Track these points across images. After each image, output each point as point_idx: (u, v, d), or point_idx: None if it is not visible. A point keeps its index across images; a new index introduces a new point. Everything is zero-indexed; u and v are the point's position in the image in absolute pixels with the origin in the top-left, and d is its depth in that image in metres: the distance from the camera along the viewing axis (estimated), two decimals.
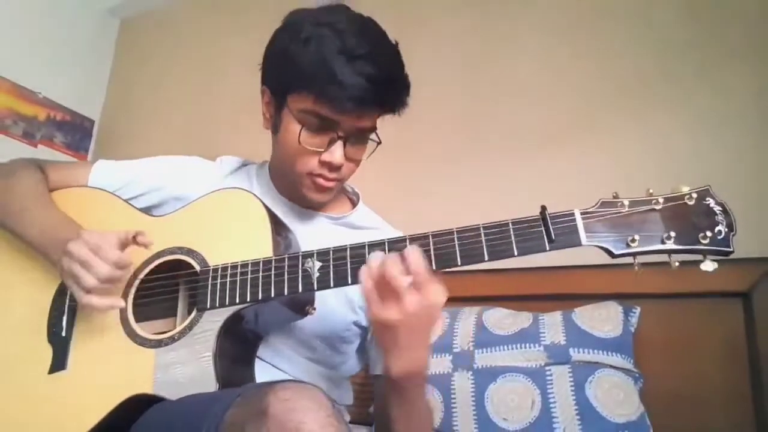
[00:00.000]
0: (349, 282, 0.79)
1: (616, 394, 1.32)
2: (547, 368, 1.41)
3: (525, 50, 1.95)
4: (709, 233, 0.72)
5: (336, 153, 0.92)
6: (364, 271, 0.73)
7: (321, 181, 0.95)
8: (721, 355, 1.43)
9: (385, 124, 0.99)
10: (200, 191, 0.95)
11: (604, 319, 1.44)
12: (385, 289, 0.71)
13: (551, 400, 1.35)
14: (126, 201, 1.01)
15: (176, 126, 2.72)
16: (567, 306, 1.52)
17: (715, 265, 0.73)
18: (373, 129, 0.97)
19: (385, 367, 0.78)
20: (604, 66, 1.80)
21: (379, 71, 0.89)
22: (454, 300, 0.74)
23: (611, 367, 1.37)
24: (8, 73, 2.64)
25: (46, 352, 0.90)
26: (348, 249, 0.80)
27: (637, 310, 1.47)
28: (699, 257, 0.75)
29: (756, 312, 1.40)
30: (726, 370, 1.41)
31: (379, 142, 0.98)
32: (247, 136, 1.21)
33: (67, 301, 0.92)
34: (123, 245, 0.86)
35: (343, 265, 0.80)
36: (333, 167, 0.94)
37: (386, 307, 0.71)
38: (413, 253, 0.71)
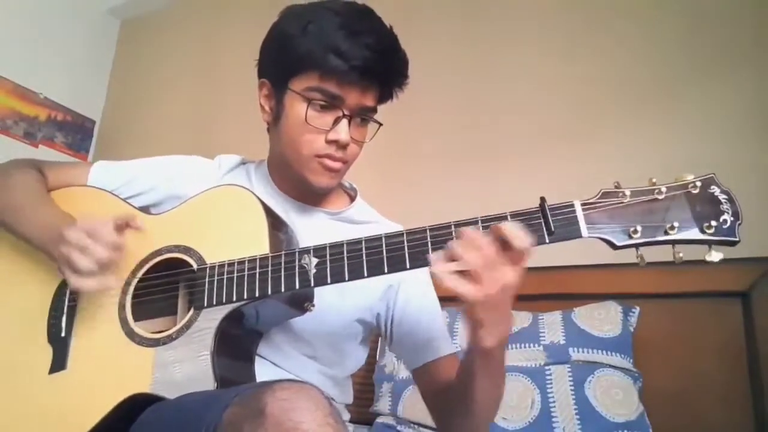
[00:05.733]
0: (346, 278, 0.79)
1: (616, 394, 1.32)
2: (546, 368, 1.41)
3: (522, 51, 1.96)
4: (714, 222, 0.70)
5: (342, 131, 0.93)
6: (437, 261, 0.73)
7: (328, 162, 0.95)
8: (720, 354, 1.43)
9: (385, 123, 0.99)
10: (198, 190, 0.95)
11: (603, 319, 1.44)
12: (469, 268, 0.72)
13: (551, 400, 1.35)
14: (124, 200, 1.01)
15: (176, 126, 2.73)
16: (567, 306, 1.52)
17: (721, 255, 0.70)
18: (375, 110, 0.98)
19: (475, 342, 0.78)
20: (600, 68, 1.80)
21: (380, 42, 0.91)
22: (453, 300, 0.74)
23: (610, 366, 1.37)
24: (9, 73, 2.65)
25: (47, 353, 0.90)
26: (345, 245, 0.80)
27: (637, 310, 1.47)
28: (704, 250, 0.72)
29: (755, 312, 1.40)
30: (725, 370, 1.41)
31: (381, 124, 0.99)
32: (247, 135, 1.21)
33: (67, 300, 0.92)
34: (118, 228, 0.87)
35: (339, 261, 0.79)
36: (340, 145, 0.94)
37: (485, 287, 0.72)
38: (510, 225, 0.73)
